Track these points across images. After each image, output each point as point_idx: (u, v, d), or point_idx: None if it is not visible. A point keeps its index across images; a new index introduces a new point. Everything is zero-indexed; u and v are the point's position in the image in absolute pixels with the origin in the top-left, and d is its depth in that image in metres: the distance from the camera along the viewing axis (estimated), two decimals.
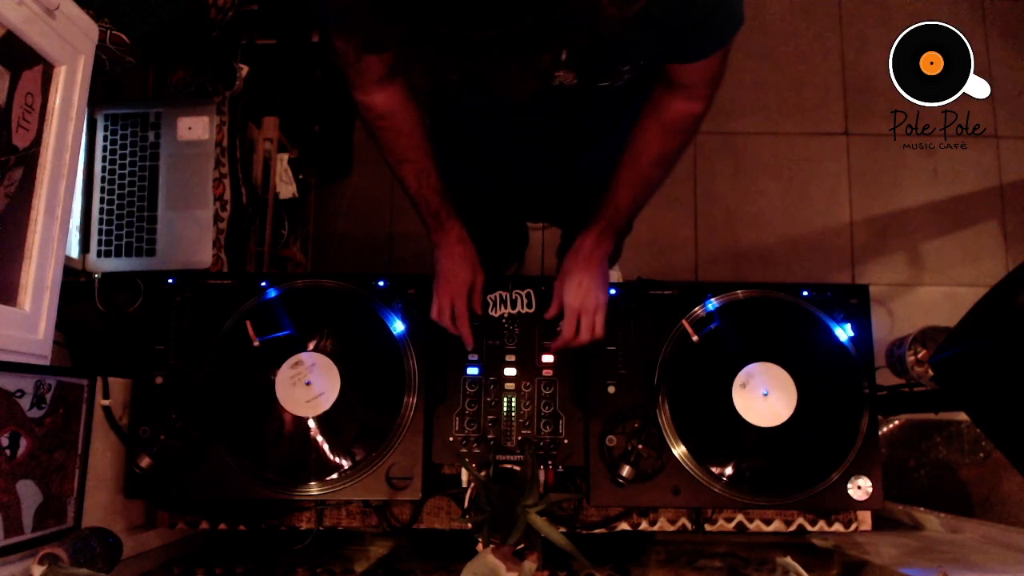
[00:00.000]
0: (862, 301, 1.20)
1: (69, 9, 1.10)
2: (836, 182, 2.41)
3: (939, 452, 1.85)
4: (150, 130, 1.55)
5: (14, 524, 0.91)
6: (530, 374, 1.18)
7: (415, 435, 1.13)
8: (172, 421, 1.11)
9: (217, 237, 1.52)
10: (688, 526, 1.21)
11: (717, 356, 1.16)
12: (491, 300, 1.20)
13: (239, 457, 1.11)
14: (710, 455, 1.13)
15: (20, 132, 1.02)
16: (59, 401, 1.00)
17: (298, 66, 1.87)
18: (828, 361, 1.18)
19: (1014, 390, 0.98)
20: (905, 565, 1.17)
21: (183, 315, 1.17)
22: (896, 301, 2.32)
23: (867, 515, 1.23)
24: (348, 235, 2.33)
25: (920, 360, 1.47)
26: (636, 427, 1.14)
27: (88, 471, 1.05)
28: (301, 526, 1.20)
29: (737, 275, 2.35)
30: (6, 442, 0.90)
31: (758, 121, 2.44)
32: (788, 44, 2.49)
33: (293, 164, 1.81)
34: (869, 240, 2.37)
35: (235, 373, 1.15)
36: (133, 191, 1.53)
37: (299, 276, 1.21)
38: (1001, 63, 2.41)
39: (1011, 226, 2.37)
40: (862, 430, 1.15)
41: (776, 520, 1.22)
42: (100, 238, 1.52)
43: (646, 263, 2.25)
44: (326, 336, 1.16)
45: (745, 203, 2.40)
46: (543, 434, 1.16)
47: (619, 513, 1.21)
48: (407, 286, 1.18)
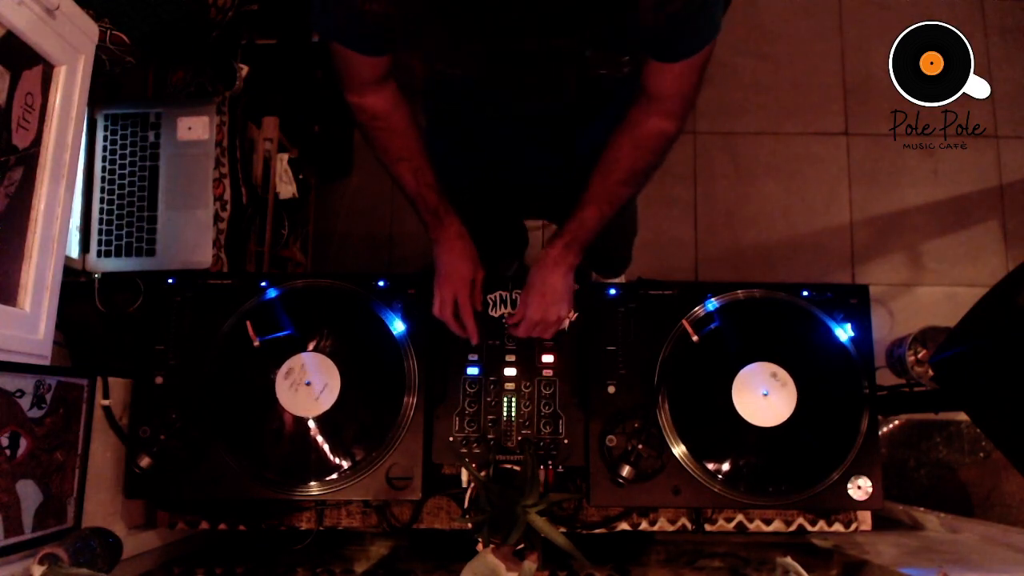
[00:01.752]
0: (862, 301, 1.20)
1: (69, 9, 1.10)
2: (836, 182, 2.41)
3: (939, 452, 1.85)
4: (150, 130, 1.55)
5: (14, 524, 0.91)
6: (530, 374, 1.18)
7: (415, 435, 1.13)
8: (172, 421, 1.11)
9: (217, 237, 1.52)
10: (688, 526, 1.21)
11: (717, 356, 1.16)
12: (491, 300, 1.20)
13: (239, 457, 1.11)
14: (710, 455, 1.13)
15: (20, 132, 1.02)
16: (59, 401, 1.00)
17: (298, 66, 1.87)
18: (828, 361, 1.18)
19: (1014, 390, 0.98)
20: (905, 565, 1.18)
21: (183, 315, 1.17)
22: (896, 301, 2.31)
23: (867, 515, 1.23)
24: (348, 235, 2.33)
25: (920, 360, 1.47)
26: (636, 427, 1.14)
27: (88, 471, 1.05)
28: (301, 526, 1.20)
29: (737, 275, 2.35)
30: (6, 442, 0.90)
31: (758, 121, 2.44)
32: (788, 44, 2.49)
33: (293, 164, 1.81)
34: (869, 240, 2.37)
35: (235, 373, 1.15)
36: (133, 191, 1.53)
37: (299, 276, 1.21)
38: (1001, 63, 2.41)
39: (1011, 226, 2.37)
40: (862, 430, 1.15)
41: (776, 520, 1.22)
42: (100, 238, 1.52)
43: (646, 263, 2.24)
44: (326, 336, 1.16)
45: (745, 203, 2.40)
46: (543, 434, 1.16)
47: (619, 513, 1.21)
48: (407, 286, 1.18)
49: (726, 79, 2.40)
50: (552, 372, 1.18)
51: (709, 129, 2.42)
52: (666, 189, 2.39)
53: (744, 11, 2.47)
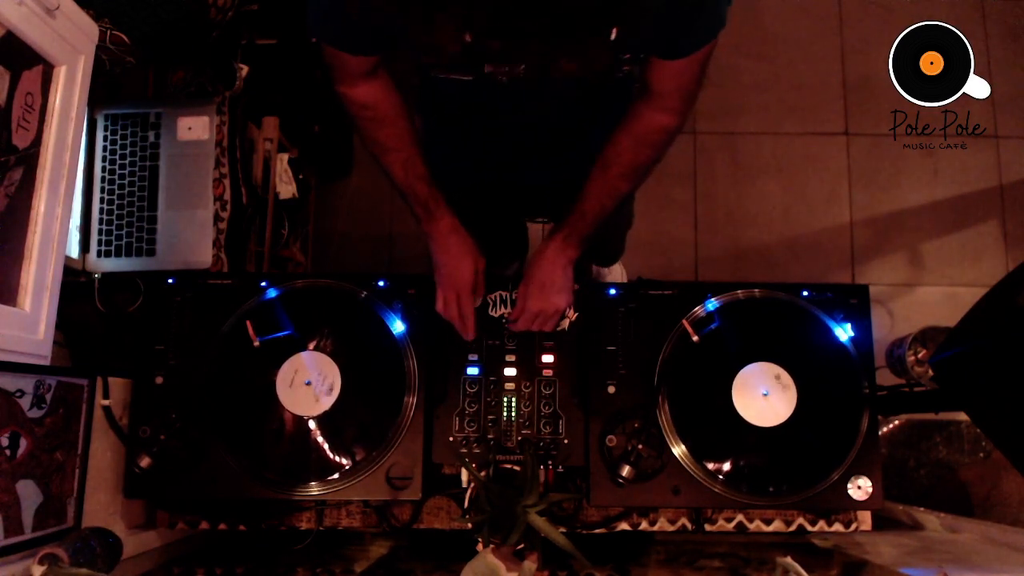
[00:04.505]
0: (862, 301, 1.20)
1: (69, 9, 1.10)
2: (836, 182, 2.41)
3: (939, 452, 1.85)
4: (150, 130, 1.55)
5: (14, 524, 0.91)
6: (530, 374, 1.18)
7: (415, 435, 1.13)
8: (172, 421, 1.11)
9: (217, 237, 1.52)
10: (688, 526, 1.21)
11: (717, 356, 1.16)
12: (491, 300, 1.20)
13: (239, 457, 1.11)
14: (710, 455, 1.13)
15: (20, 132, 1.02)
16: (59, 401, 1.00)
17: (298, 66, 1.87)
18: (828, 361, 1.18)
19: (1014, 390, 0.98)
20: (905, 565, 1.18)
21: (183, 315, 1.17)
22: (896, 301, 2.31)
23: (867, 515, 1.23)
24: (348, 235, 2.33)
25: (920, 360, 1.47)
26: (636, 427, 1.14)
27: (88, 471, 1.05)
28: (301, 526, 1.20)
29: (737, 275, 2.35)
30: (6, 442, 0.90)
31: (758, 121, 2.44)
32: (788, 44, 2.49)
33: (293, 164, 1.81)
34: (869, 240, 2.37)
35: (235, 373, 1.15)
36: (133, 191, 1.53)
37: (299, 276, 1.21)
38: (1001, 63, 2.41)
39: (1011, 226, 2.37)
40: (862, 430, 1.15)
41: (776, 520, 1.22)
42: (100, 238, 1.52)
43: (646, 263, 2.25)
44: (326, 336, 1.16)
45: (745, 203, 2.40)
46: (543, 434, 1.16)
47: (619, 513, 1.21)
48: (407, 286, 1.18)
49: (726, 79, 2.40)
50: (552, 372, 1.18)
51: (709, 129, 2.42)
52: (666, 189, 2.39)
53: (744, 12, 2.47)
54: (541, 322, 1.15)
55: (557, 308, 1.13)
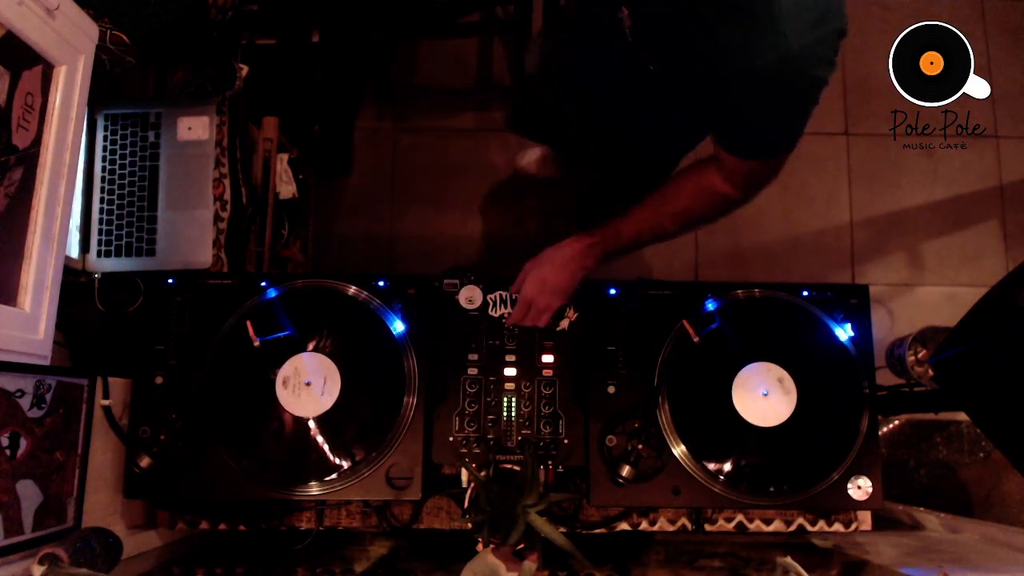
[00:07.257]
0: (862, 301, 1.20)
1: (69, 9, 1.10)
2: (836, 182, 2.41)
3: (939, 452, 1.85)
4: (150, 130, 1.55)
5: (14, 524, 0.91)
6: (530, 374, 1.18)
7: (415, 435, 1.13)
8: (172, 421, 1.12)
9: (217, 237, 1.52)
10: (688, 526, 1.21)
11: (717, 356, 1.16)
12: (491, 300, 1.20)
13: (239, 457, 1.11)
14: (710, 455, 1.13)
15: (20, 132, 1.02)
16: (59, 401, 1.00)
17: (298, 66, 1.87)
18: (828, 361, 1.18)
19: (1014, 390, 0.98)
20: (905, 565, 1.18)
21: (183, 315, 1.17)
22: (896, 301, 2.31)
23: (867, 515, 1.23)
24: (348, 235, 2.32)
25: (920, 360, 1.47)
26: (636, 427, 1.14)
27: (88, 471, 1.05)
28: (301, 526, 1.20)
29: (737, 275, 2.35)
30: (6, 442, 0.90)
31: None
32: None
33: (293, 164, 1.81)
34: (869, 240, 2.37)
35: (235, 373, 1.15)
36: (133, 191, 1.53)
37: (299, 276, 1.21)
38: (1001, 63, 2.41)
39: (1011, 226, 2.37)
40: (862, 430, 1.15)
41: (776, 520, 1.22)
42: (100, 238, 1.52)
43: (646, 263, 2.25)
44: (326, 336, 1.16)
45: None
46: (543, 434, 1.16)
47: (619, 513, 1.21)
48: (407, 286, 1.18)
49: None
50: (552, 372, 1.18)
51: None
52: None
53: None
54: (534, 316, 1.15)
55: (548, 306, 1.14)
